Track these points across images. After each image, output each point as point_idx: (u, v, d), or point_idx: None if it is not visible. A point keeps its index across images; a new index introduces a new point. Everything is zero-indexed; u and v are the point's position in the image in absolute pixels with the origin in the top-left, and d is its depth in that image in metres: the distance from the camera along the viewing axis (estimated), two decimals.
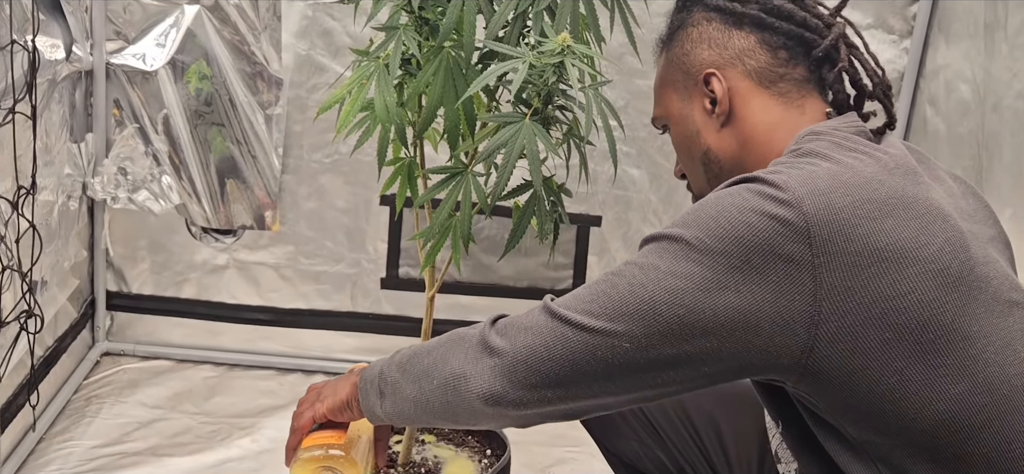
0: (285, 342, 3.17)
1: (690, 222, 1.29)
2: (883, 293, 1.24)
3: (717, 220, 1.27)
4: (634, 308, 1.28)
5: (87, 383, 2.97)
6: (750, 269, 1.24)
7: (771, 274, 1.24)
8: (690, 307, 1.26)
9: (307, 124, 2.96)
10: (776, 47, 1.52)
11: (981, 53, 2.56)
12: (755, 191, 1.28)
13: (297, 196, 3.04)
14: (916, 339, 1.25)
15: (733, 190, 1.30)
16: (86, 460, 2.61)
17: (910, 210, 1.29)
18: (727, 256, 1.25)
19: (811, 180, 1.28)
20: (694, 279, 1.26)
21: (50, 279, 2.68)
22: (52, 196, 2.64)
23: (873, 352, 1.24)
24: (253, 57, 2.89)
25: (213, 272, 3.12)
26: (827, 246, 1.24)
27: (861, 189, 1.29)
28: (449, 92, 1.79)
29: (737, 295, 1.24)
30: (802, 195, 1.26)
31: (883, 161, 1.35)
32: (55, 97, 2.62)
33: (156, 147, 2.94)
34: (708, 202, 1.30)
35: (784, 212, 1.24)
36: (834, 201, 1.26)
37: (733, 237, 1.25)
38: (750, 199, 1.27)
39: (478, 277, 3.10)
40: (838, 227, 1.24)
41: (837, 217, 1.25)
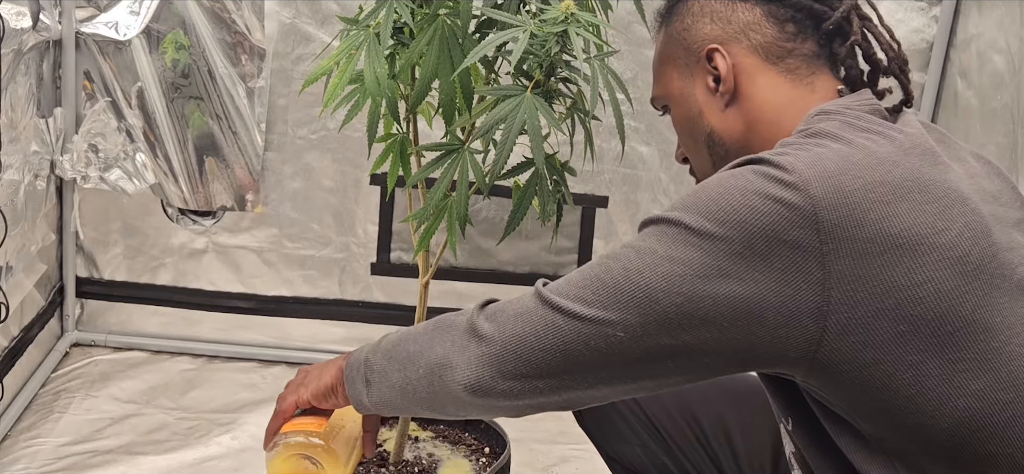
0: (268, 332, 3.17)
1: (690, 205, 1.29)
2: (897, 283, 1.23)
3: (718, 203, 1.26)
4: (629, 295, 1.28)
5: (56, 376, 2.97)
6: (753, 256, 1.24)
7: (776, 261, 1.24)
8: (689, 295, 1.26)
9: (292, 98, 2.95)
10: (783, 20, 1.51)
11: (1016, 21, 2.56)
12: (759, 173, 1.28)
13: (281, 175, 3.04)
14: (933, 332, 1.24)
15: (737, 172, 1.30)
16: (54, 459, 2.61)
17: (926, 193, 1.29)
18: (729, 241, 1.25)
19: (819, 162, 1.28)
20: (693, 265, 1.26)
21: (16, 264, 2.68)
22: (17, 175, 2.64)
23: (886, 345, 1.24)
24: (234, 26, 2.88)
25: (191, 257, 3.12)
26: (836, 232, 1.23)
27: (873, 171, 1.28)
28: (444, 63, 1.79)
29: (739, 283, 1.24)
30: (809, 177, 1.25)
31: (898, 141, 1.35)
32: (21, 69, 2.62)
33: (130, 122, 2.94)
34: (710, 184, 1.30)
35: (790, 195, 1.24)
36: (844, 184, 1.25)
37: (735, 221, 1.25)
38: (754, 181, 1.27)
39: (475, 262, 3.10)
40: (848, 211, 1.24)
41: (847, 201, 1.24)
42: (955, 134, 2.79)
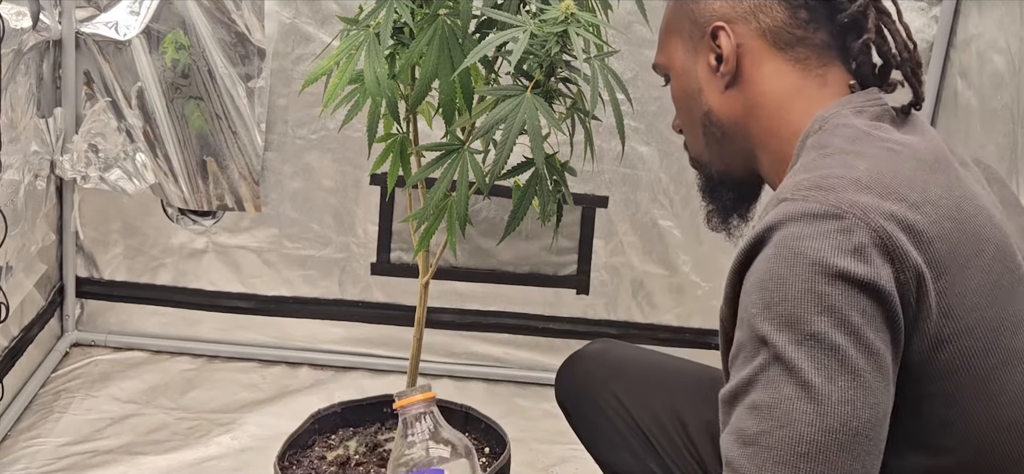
0: (268, 332, 3.17)
1: (781, 323, 1.20)
2: (951, 311, 1.22)
3: (804, 305, 1.19)
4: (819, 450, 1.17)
5: (56, 376, 2.97)
6: (863, 336, 1.18)
7: (880, 320, 1.19)
8: (848, 419, 1.17)
9: (292, 98, 2.95)
10: (797, 6, 1.46)
11: (1016, 21, 2.56)
12: (824, 240, 1.20)
13: (281, 175, 3.04)
14: (981, 365, 1.23)
15: (796, 254, 1.21)
16: (54, 459, 2.61)
17: (963, 212, 1.27)
18: (837, 345, 1.17)
19: (859, 189, 1.24)
20: (831, 396, 1.17)
21: (16, 264, 2.67)
22: (18, 175, 2.64)
23: (939, 379, 1.23)
24: (234, 26, 2.88)
25: (191, 257, 3.12)
26: (906, 258, 1.21)
27: (911, 190, 1.26)
28: (444, 63, 1.78)
29: (874, 370, 1.18)
30: (866, 213, 1.21)
31: (920, 154, 1.33)
32: (21, 69, 2.62)
33: (130, 122, 2.94)
34: (788, 287, 1.20)
35: (858, 238, 1.20)
36: (896, 212, 1.23)
37: (832, 321, 1.18)
38: (824, 254, 1.19)
39: (475, 262, 3.10)
40: (905, 236, 1.21)
41: (901, 225, 1.22)
42: (955, 134, 2.81)
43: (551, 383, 2.04)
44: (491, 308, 3.15)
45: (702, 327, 3.15)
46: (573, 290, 3.11)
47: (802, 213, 1.23)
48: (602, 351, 2.03)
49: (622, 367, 1.97)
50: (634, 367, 1.98)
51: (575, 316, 3.14)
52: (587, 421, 1.96)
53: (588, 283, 3.11)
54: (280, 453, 2.17)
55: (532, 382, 3.11)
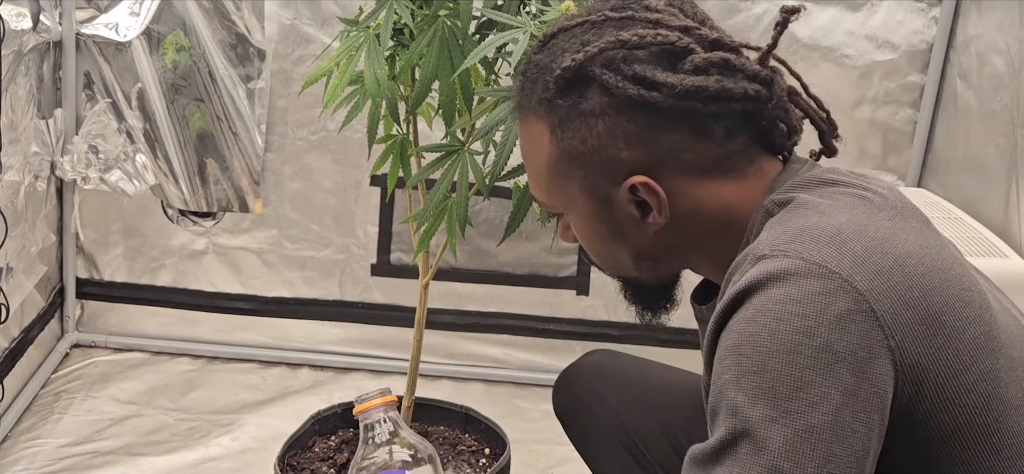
0: (268, 333, 3.17)
1: (756, 394, 1.14)
2: (950, 369, 1.18)
3: (781, 379, 1.13)
4: None
5: (56, 377, 2.97)
6: (841, 417, 1.12)
7: (865, 394, 1.13)
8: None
9: (292, 99, 2.95)
10: (712, 129, 1.32)
11: (1016, 22, 2.56)
12: (807, 305, 1.14)
13: (281, 176, 3.03)
14: (983, 421, 1.19)
15: (777, 320, 1.15)
16: (55, 460, 2.61)
17: (943, 261, 1.23)
18: (812, 426, 1.11)
19: (841, 244, 1.18)
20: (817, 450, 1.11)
21: (16, 265, 2.67)
22: (18, 176, 2.64)
23: (943, 441, 1.19)
24: (234, 27, 2.88)
25: (191, 258, 3.12)
26: (895, 321, 1.15)
27: (892, 242, 1.21)
28: (444, 64, 1.78)
29: (864, 422, 1.13)
30: (851, 274, 1.16)
31: (889, 201, 1.29)
32: (21, 70, 2.61)
33: (130, 123, 2.93)
34: (762, 357, 1.14)
35: (844, 304, 1.14)
36: (879, 265, 1.17)
37: (809, 398, 1.12)
38: (807, 323, 1.13)
39: (476, 263, 3.10)
40: (895, 295, 1.16)
41: (889, 283, 1.17)
42: (955, 135, 2.82)
43: (551, 384, 2.03)
44: (491, 309, 3.15)
45: None
46: (573, 291, 3.11)
47: (783, 273, 1.17)
48: (599, 364, 2.01)
49: (619, 381, 1.95)
50: (631, 381, 1.95)
51: (575, 317, 3.14)
52: (584, 435, 1.95)
53: (588, 284, 3.10)
54: (280, 454, 2.17)
55: (532, 383, 3.11)
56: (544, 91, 1.35)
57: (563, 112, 1.34)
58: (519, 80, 1.41)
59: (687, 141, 1.31)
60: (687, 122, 1.30)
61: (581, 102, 1.32)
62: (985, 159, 2.60)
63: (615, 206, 1.36)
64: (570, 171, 1.37)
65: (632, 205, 1.34)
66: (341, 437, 2.27)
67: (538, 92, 1.36)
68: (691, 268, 1.46)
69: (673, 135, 1.31)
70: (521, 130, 1.42)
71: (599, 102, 1.31)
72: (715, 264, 1.39)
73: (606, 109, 1.31)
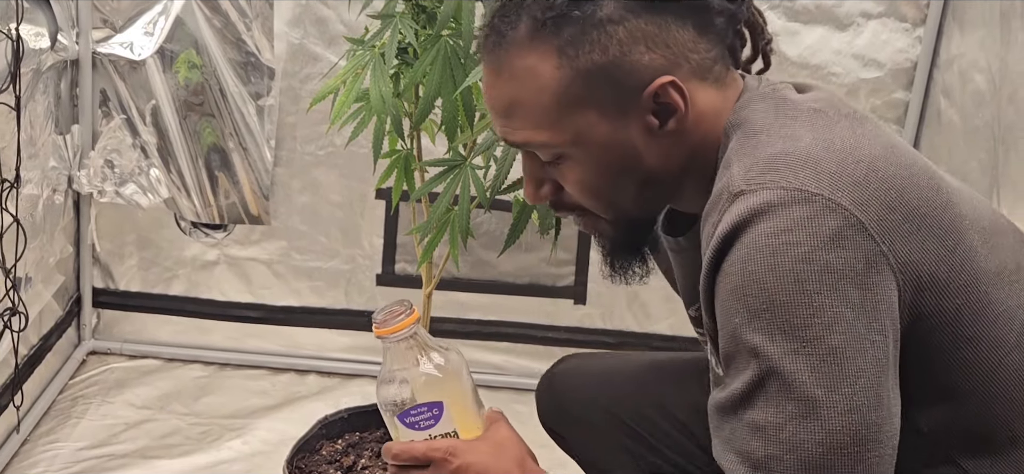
0: (277, 340, 3.17)
1: (772, 332, 1.12)
2: (939, 256, 1.18)
3: (792, 310, 1.12)
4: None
5: (73, 383, 2.97)
6: (857, 330, 1.12)
7: (873, 303, 1.13)
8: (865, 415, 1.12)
9: (300, 115, 2.95)
10: (709, 30, 1.30)
11: (997, 42, 2.56)
12: (799, 232, 1.13)
13: (290, 189, 3.04)
14: (976, 296, 1.21)
15: (773, 254, 1.13)
16: (72, 462, 2.61)
17: (901, 154, 1.23)
18: (834, 347, 1.11)
19: (813, 163, 1.16)
20: (836, 406, 1.11)
21: (35, 275, 2.68)
22: (37, 190, 2.64)
23: (949, 325, 1.19)
24: (244, 46, 2.88)
25: (203, 268, 3.12)
26: (882, 226, 1.15)
27: (858, 148, 1.20)
28: (447, 82, 1.79)
29: (879, 338, 1.13)
30: (833, 191, 1.14)
31: (841, 109, 1.28)
32: (40, 87, 2.62)
33: (144, 139, 2.94)
34: (768, 294, 1.13)
35: (833, 223, 1.13)
36: (856, 176, 1.16)
37: (824, 322, 1.11)
38: (803, 249, 1.12)
39: (477, 273, 3.10)
40: (878, 201, 1.15)
41: (869, 192, 1.15)
42: (939, 150, 2.82)
43: None
44: (492, 317, 3.15)
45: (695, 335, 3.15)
46: (571, 300, 3.11)
47: (767, 206, 1.14)
48: (576, 369, 1.97)
49: (601, 379, 1.92)
50: (612, 375, 1.93)
51: (573, 325, 3.14)
52: (583, 443, 1.92)
53: (585, 293, 3.10)
54: (289, 457, 2.17)
55: (531, 389, 3.06)
56: (546, 11, 1.27)
57: (577, 27, 1.26)
58: (491, 23, 1.32)
59: (694, 40, 1.28)
60: (693, 19, 1.28)
61: (597, 10, 1.26)
62: (968, 173, 2.60)
63: (632, 120, 1.29)
64: (588, 92, 1.28)
65: (652, 114, 1.28)
66: (347, 441, 2.27)
67: (535, 16, 1.28)
68: (676, 196, 1.40)
69: (683, 33, 1.28)
70: (503, 75, 1.31)
71: (615, 6, 1.26)
72: (698, 184, 1.34)
73: (624, 13, 1.26)
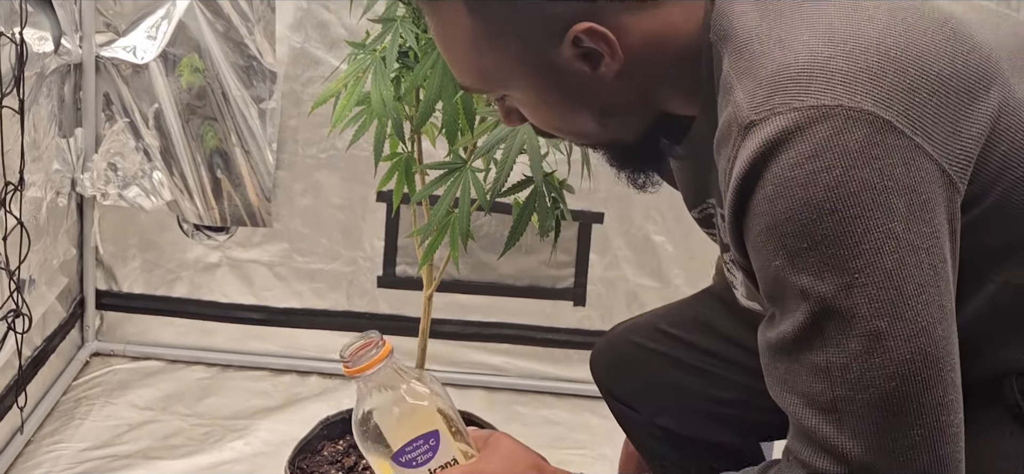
0: (279, 342, 3.17)
1: (819, 270, 1.03)
2: (977, 117, 1.07)
3: (837, 243, 1.02)
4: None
5: (76, 384, 2.97)
6: (911, 243, 1.02)
7: (923, 209, 1.02)
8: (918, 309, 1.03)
9: (302, 119, 2.96)
10: None
11: None
12: (827, 156, 1.01)
13: (292, 192, 3.04)
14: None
15: (805, 187, 1.02)
16: (76, 463, 2.61)
17: (910, 15, 1.10)
18: (889, 269, 1.01)
19: (820, 66, 1.04)
20: (902, 334, 1.02)
21: (38, 277, 2.68)
22: (40, 192, 2.64)
23: (997, 195, 1.10)
24: (246, 50, 2.89)
25: (205, 270, 3.13)
26: (911, 114, 1.03)
27: (865, 35, 1.07)
28: (447, 85, 1.79)
29: (934, 245, 1.03)
30: (850, 96, 1.02)
31: None
32: (43, 91, 2.62)
33: (147, 142, 2.94)
34: (807, 231, 1.03)
35: (860, 133, 1.01)
36: (870, 67, 1.04)
37: (873, 246, 1.01)
38: (835, 174, 1.01)
39: (477, 275, 3.10)
40: (899, 88, 1.03)
41: (887, 81, 1.03)
42: None
43: (550, 391, 2.03)
44: (492, 319, 3.15)
45: None
46: (570, 302, 3.11)
47: (784, 133, 1.03)
48: (628, 327, 1.97)
49: (652, 323, 1.92)
50: (661, 319, 1.93)
51: (572, 327, 3.14)
52: (633, 375, 1.90)
53: (585, 295, 3.10)
54: (291, 457, 2.17)
55: (531, 390, 3.11)
56: None
57: None
58: None
59: None
60: None
61: None
62: None
63: (560, 68, 1.18)
64: (500, 44, 1.18)
65: (579, 60, 1.16)
66: (349, 441, 2.27)
67: None
68: (663, 108, 1.27)
69: None
70: (430, 21, 1.23)
71: None
72: (685, 95, 1.24)
73: None
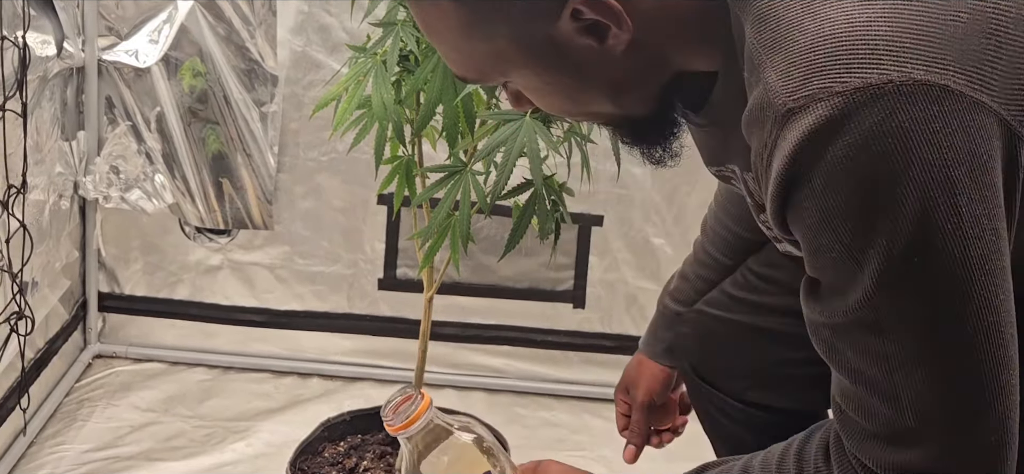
0: (280, 344, 3.17)
1: (876, 263, 0.96)
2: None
3: (893, 236, 0.95)
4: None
5: (79, 386, 2.97)
6: (969, 229, 0.94)
7: (978, 187, 0.94)
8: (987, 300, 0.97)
9: (303, 122, 2.95)
10: None
11: None
12: (882, 140, 0.93)
13: (293, 195, 3.04)
14: None
15: (859, 177, 0.95)
16: (78, 464, 2.61)
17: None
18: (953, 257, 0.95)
19: (861, 39, 0.94)
20: (968, 321, 0.97)
21: (41, 280, 2.68)
22: (43, 195, 2.64)
23: None
24: (248, 53, 2.88)
25: (207, 273, 3.12)
26: (964, 63, 0.94)
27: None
28: (448, 89, 1.79)
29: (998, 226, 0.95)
30: (890, 67, 0.92)
31: None
32: (46, 94, 2.62)
33: (149, 145, 2.94)
34: (865, 222, 0.96)
35: (915, 110, 0.92)
36: (909, 24, 0.94)
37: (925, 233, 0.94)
38: (891, 158, 0.93)
39: (477, 278, 3.10)
40: (943, 41, 0.94)
41: (930, 35, 0.94)
42: None
43: (549, 393, 2.03)
44: (492, 321, 3.15)
45: None
46: (570, 304, 3.11)
47: (829, 122, 0.94)
48: (704, 302, 2.00)
49: (726, 293, 1.94)
50: (730, 284, 1.94)
51: (572, 329, 3.14)
52: (737, 364, 1.89)
53: (584, 298, 3.10)
54: (292, 459, 2.17)
55: (531, 392, 3.10)
56: None
57: None
58: None
59: None
60: None
61: None
62: None
63: (562, 47, 1.08)
64: (490, 30, 1.08)
65: (583, 34, 1.07)
66: (350, 443, 2.27)
67: None
68: (680, 68, 1.16)
69: None
70: (418, 17, 1.14)
71: None
72: (703, 52, 1.15)
73: None
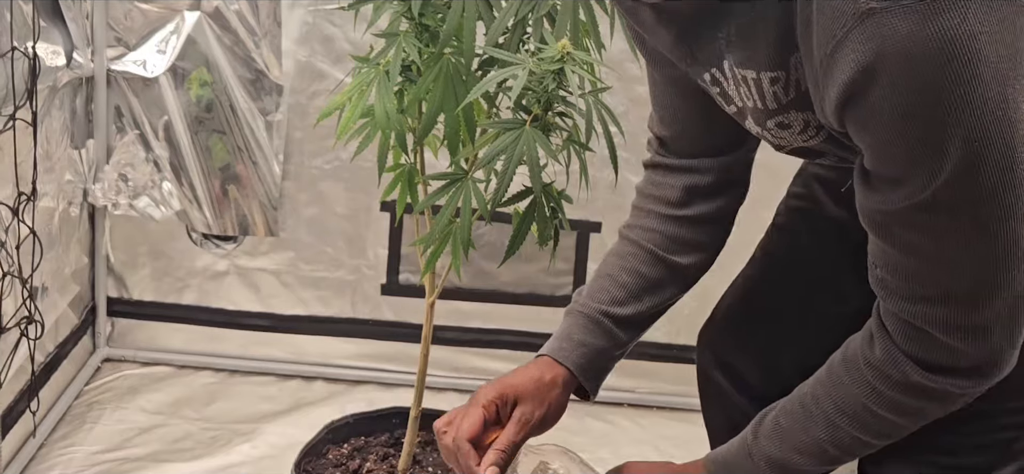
0: (285, 348, 3.16)
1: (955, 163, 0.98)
2: None
3: (985, 136, 0.97)
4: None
5: (88, 389, 2.97)
6: None
7: None
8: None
9: (307, 130, 2.95)
10: None
11: None
12: (967, 44, 0.93)
13: (297, 202, 3.04)
14: None
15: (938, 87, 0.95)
16: (87, 466, 2.61)
17: None
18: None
19: None
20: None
21: (51, 285, 2.67)
22: (53, 202, 2.64)
23: None
24: (253, 64, 2.89)
25: (213, 278, 3.12)
26: None
27: None
28: (449, 98, 1.79)
29: None
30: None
31: None
32: (56, 104, 2.62)
33: (157, 154, 2.94)
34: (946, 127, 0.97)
35: (994, 16, 0.93)
36: None
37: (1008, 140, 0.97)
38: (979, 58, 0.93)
39: (478, 283, 3.10)
40: None
41: None
42: None
43: None
44: (492, 326, 3.15)
45: (688, 343, 3.13)
46: None
47: (909, 36, 0.94)
48: (733, 299, 2.04)
49: (756, 289, 1.99)
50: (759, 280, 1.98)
51: None
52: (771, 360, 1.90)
53: None
54: (296, 461, 2.17)
55: None
56: None
57: None
58: None
59: None
60: None
61: None
62: None
63: None
64: None
65: None
66: (353, 445, 2.27)
67: None
68: None
69: None
70: None
71: None
72: None
73: None
